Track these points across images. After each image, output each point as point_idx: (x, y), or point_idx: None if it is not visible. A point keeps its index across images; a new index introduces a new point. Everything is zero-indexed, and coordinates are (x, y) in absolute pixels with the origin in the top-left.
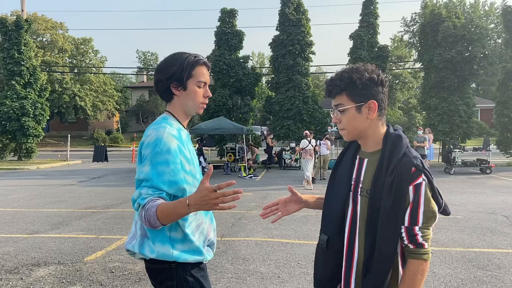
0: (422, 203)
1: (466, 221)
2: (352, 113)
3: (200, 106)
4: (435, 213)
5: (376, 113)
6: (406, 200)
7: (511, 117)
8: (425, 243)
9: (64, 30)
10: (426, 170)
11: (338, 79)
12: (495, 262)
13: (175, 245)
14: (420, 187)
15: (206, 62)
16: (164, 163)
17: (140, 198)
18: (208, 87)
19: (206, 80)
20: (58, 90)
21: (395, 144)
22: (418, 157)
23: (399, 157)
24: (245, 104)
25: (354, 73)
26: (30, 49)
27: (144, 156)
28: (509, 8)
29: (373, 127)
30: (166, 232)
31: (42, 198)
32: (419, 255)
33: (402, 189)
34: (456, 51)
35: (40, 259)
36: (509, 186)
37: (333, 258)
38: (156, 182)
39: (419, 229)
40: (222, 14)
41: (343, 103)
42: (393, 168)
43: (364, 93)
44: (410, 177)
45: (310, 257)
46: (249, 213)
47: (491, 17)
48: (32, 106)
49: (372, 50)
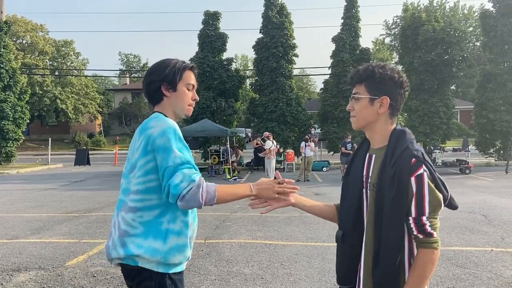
0: (426, 193)
1: (446, 221)
2: (364, 104)
3: (188, 108)
4: (441, 201)
5: (387, 110)
6: (408, 191)
7: (490, 118)
8: (434, 232)
9: (45, 32)
10: (427, 161)
11: (362, 70)
12: (473, 260)
13: (169, 238)
14: (422, 177)
15: (194, 68)
16: (185, 148)
17: (189, 176)
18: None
19: (194, 84)
20: (39, 93)
21: (398, 139)
22: (420, 150)
23: (401, 150)
24: (229, 106)
25: (378, 68)
26: (10, 51)
27: (161, 145)
28: (486, 12)
29: (381, 123)
30: (163, 225)
31: (22, 203)
32: (429, 243)
33: (403, 180)
34: (436, 53)
35: (21, 264)
36: (488, 185)
37: (348, 252)
38: (193, 163)
39: (426, 219)
40: (205, 16)
41: (360, 92)
42: (395, 161)
43: (381, 88)
44: (410, 168)
45: (293, 258)
46: (233, 215)
47: (469, 20)
48: (11, 109)
49: (354, 53)
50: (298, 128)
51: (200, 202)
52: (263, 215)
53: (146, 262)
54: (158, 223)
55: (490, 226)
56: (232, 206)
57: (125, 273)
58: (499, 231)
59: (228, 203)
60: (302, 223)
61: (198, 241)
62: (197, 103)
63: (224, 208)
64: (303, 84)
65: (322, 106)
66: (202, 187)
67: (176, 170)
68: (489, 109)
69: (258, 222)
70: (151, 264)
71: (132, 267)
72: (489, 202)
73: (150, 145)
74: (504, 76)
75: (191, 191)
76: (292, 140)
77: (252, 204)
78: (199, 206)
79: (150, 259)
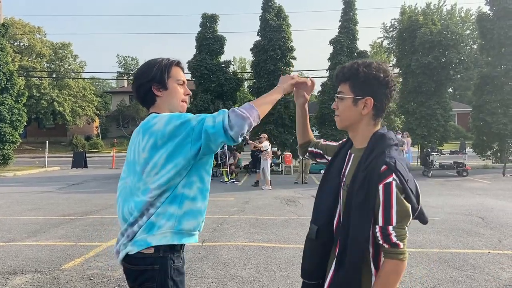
0: (394, 202)
1: (443, 223)
2: (348, 104)
3: (181, 104)
4: (408, 212)
5: (371, 111)
6: (376, 198)
7: (487, 120)
8: (400, 243)
9: (42, 34)
10: (399, 170)
11: (347, 68)
12: (470, 262)
13: (183, 203)
14: (390, 186)
15: (180, 63)
16: None
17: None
18: (190, 91)
19: (184, 79)
20: (36, 96)
21: (377, 142)
22: (394, 158)
23: (375, 155)
24: (226, 109)
25: (362, 67)
26: (7, 54)
27: (171, 130)
28: (483, 15)
29: (365, 124)
30: (178, 190)
31: (19, 206)
32: (394, 254)
33: (372, 187)
34: (433, 56)
35: (17, 267)
36: (485, 188)
37: (320, 249)
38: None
39: (393, 229)
40: (203, 19)
41: (344, 91)
42: (367, 165)
43: (365, 88)
44: (379, 175)
45: (291, 261)
46: (230, 218)
47: (466, 23)
48: (8, 111)
49: (351, 56)
50: (295, 131)
51: (246, 116)
52: (261, 217)
53: (160, 237)
54: (174, 186)
55: (487, 228)
56: (230, 208)
57: (127, 272)
58: (496, 233)
59: (226, 206)
60: (300, 225)
61: (195, 243)
62: (195, 105)
63: (222, 211)
64: None
65: (319, 108)
66: (235, 110)
67: (203, 120)
68: (486, 112)
69: (256, 224)
70: (166, 237)
71: (135, 267)
72: (487, 204)
73: (160, 139)
74: (501, 78)
75: (230, 117)
76: (290, 142)
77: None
78: (250, 123)
79: (166, 224)
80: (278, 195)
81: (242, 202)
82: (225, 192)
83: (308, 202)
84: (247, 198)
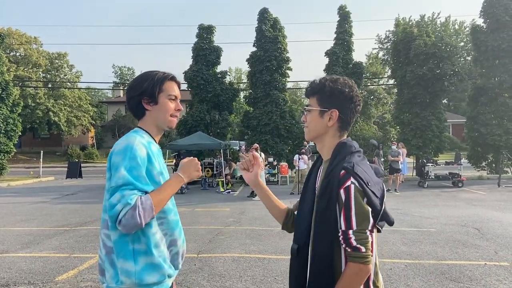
0: (353, 205)
1: (439, 234)
2: (315, 116)
3: (171, 119)
4: (367, 215)
5: (336, 124)
6: (337, 203)
7: (481, 131)
8: (362, 247)
9: (39, 44)
10: (357, 174)
11: (315, 83)
12: (467, 274)
13: (137, 258)
14: (349, 190)
15: (175, 78)
16: (138, 168)
17: (125, 199)
18: (184, 102)
19: (177, 94)
20: (31, 105)
21: (339, 151)
22: (353, 162)
23: (336, 162)
24: (223, 119)
25: (329, 82)
26: (3, 64)
27: (114, 163)
28: (477, 27)
29: (331, 136)
30: (129, 245)
31: (13, 216)
32: (355, 258)
33: (333, 192)
34: (428, 68)
35: (10, 280)
36: (480, 199)
37: (302, 267)
38: (138, 185)
39: (353, 233)
40: (199, 30)
41: (311, 104)
42: (329, 172)
43: (331, 102)
44: (339, 180)
45: (287, 273)
46: (226, 229)
47: (460, 35)
48: (3, 121)
49: (347, 67)
50: (291, 141)
51: (139, 223)
52: (257, 228)
53: (126, 284)
54: (124, 242)
55: (483, 239)
56: (225, 219)
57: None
58: (492, 244)
59: (222, 216)
60: None
61: (190, 255)
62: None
63: (218, 221)
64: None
65: None
66: (138, 207)
67: (116, 191)
68: (480, 123)
69: (252, 235)
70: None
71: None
72: (482, 215)
73: (110, 163)
74: (495, 90)
75: (127, 214)
76: (286, 153)
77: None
78: (140, 227)
79: (127, 280)
80: None
81: (238, 212)
82: (221, 202)
83: None
84: (243, 208)
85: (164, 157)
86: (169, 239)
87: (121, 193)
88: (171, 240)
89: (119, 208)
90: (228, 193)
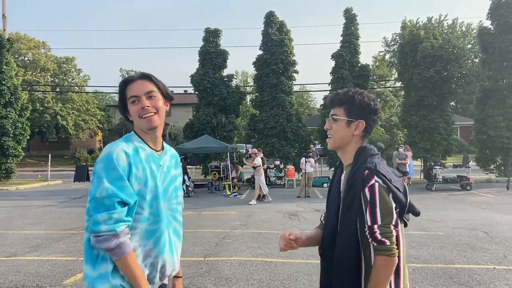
0: (378, 202)
1: (447, 238)
2: (342, 125)
3: (141, 121)
4: (391, 210)
5: (361, 133)
6: (363, 201)
7: (490, 134)
8: (386, 240)
9: (47, 49)
10: (380, 172)
11: (342, 94)
12: (475, 278)
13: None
14: (373, 188)
15: (131, 78)
16: (121, 178)
17: (113, 222)
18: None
19: (137, 93)
20: (39, 109)
21: (360, 154)
22: (375, 163)
23: (359, 164)
24: (229, 122)
25: (357, 94)
26: (12, 68)
27: (96, 171)
28: (485, 29)
29: (354, 143)
30: (95, 249)
31: (21, 220)
32: (381, 251)
33: (358, 191)
34: (435, 70)
35: (18, 283)
36: (489, 202)
37: (327, 267)
38: (123, 196)
39: (377, 227)
40: (206, 33)
41: (339, 114)
42: (353, 174)
43: (358, 113)
44: (363, 180)
45: (293, 276)
46: (233, 232)
47: (468, 37)
48: (12, 125)
49: (353, 70)
50: (298, 144)
51: (109, 249)
52: (263, 232)
53: (84, 286)
54: (90, 245)
55: (492, 243)
56: (232, 223)
57: None
58: (501, 248)
59: (229, 220)
60: None
61: (197, 258)
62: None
63: (224, 225)
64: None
65: (322, 122)
66: (119, 238)
67: (101, 205)
68: (489, 126)
69: (258, 239)
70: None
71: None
72: (491, 218)
73: (94, 168)
74: (503, 92)
75: (106, 236)
76: (293, 156)
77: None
78: (106, 251)
79: (84, 283)
80: (280, 209)
81: (244, 216)
82: (227, 206)
83: (311, 216)
84: (249, 212)
85: None
86: (143, 250)
87: (109, 215)
88: (145, 251)
89: (104, 229)
90: (235, 196)
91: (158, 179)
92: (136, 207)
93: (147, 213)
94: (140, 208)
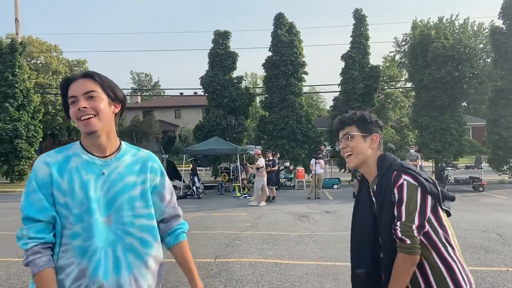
0: (404, 200)
1: (460, 239)
2: (359, 140)
3: (80, 124)
4: (415, 208)
5: (376, 146)
6: (392, 199)
7: (502, 135)
8: (406, 239)
9: (59, 52)
10: (407, 168)
11: (352, 114)
12: (488, 280)
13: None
14: (402, 187)
15: (76, 76)
16: (33, 192)
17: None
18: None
19: (74, 93)
20: (52, 112)
21: (382, 161)
22: (399, 163)
23: (385, 169)
24: (239, 124)
25: (365, 113)
26: (24, 71)
27: None
28: (497, 28)
29: (373, 156)
30: None
31: None
32: (401, 248)
33: (388, 191)
34: (446, 71)
35: None
36: (502, 203)
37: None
38: (29, 212)
39: (400, 224)
40: (215, 35)
41: (352, 131)
42: (382, 180)
43: (370, 128)
44: (393, 181)
45: (304, 278)
46: (243, 234)
47: (479, 37)
48: (25, 128)
49: (363, 70)
50: (308, 145)
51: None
52: (273, 233)
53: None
54: None
55: (505, 245)
56: (242, 224)
57: None
58: None
59: (239, 221)
60: (313, 241)
61: (207, 260)
62: (208, 120)
63: (234, 226)
64: (313, 101)
65: (332, 123)
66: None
67: (22, 221)
68: (501, 126)
69: (269, 240)
70: None
71: None
72: (504, 220)
73: None
74: None
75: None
76: (302, 157)
77: None
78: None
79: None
80: (290, 210)
81: (254, 217)
82: (238, 207)
83: (321, 218)
84: (259, 213)
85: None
86: (77, 270)
87: (21, 231)
88: (79, 271)
89: (20, 245)
90: (245, 198)
91: (93, 190)
92: (63, 221)
93: (79, 228)
94: (67, 222)
